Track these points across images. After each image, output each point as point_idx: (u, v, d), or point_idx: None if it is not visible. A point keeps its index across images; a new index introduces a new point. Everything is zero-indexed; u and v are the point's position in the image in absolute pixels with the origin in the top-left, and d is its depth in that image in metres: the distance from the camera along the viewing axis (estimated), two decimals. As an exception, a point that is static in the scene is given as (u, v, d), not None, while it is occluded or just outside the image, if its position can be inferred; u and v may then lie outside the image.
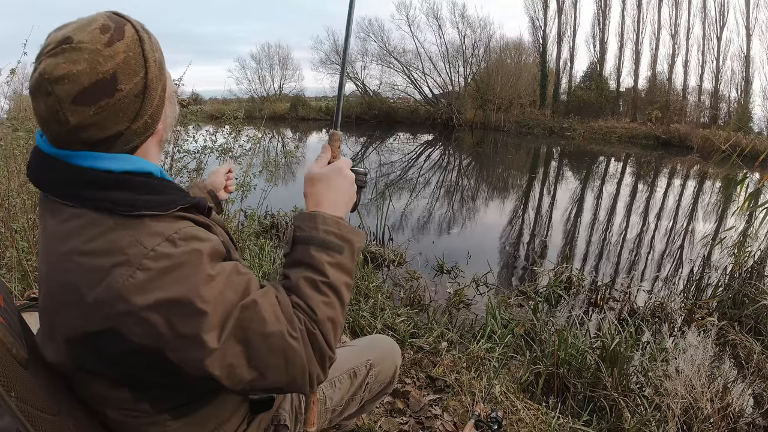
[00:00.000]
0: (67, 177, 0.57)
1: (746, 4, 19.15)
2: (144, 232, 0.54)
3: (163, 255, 0.53)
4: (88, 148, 0.56)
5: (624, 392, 1.92)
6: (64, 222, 0.57)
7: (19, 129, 2.41)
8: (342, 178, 0.75)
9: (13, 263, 1.93)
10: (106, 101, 0.53)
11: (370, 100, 23.73)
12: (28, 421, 0.51)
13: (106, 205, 0.55)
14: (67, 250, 0.55)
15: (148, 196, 0.57)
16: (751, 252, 3.27)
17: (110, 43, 0.53)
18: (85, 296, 0.53)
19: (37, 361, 0.62)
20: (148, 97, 0.57)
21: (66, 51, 0.51)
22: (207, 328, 0.53)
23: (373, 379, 1.06)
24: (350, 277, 0.68)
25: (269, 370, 0.57)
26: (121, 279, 0.51)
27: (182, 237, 0.56)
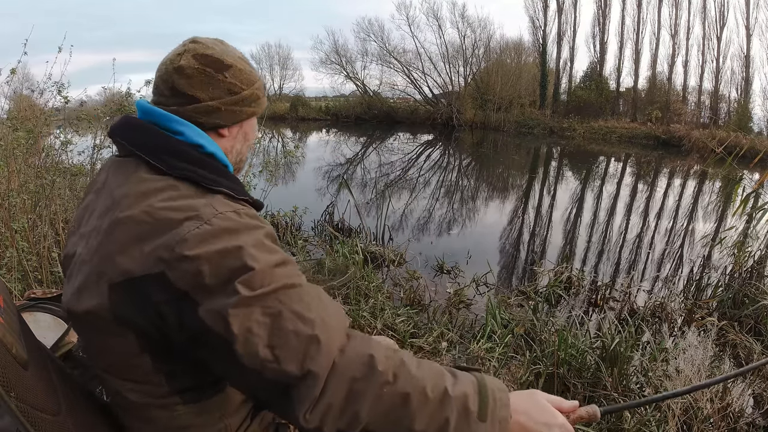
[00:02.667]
0: (162, 143, 0.65)
1: (746, 4, 19.17)
2: (218, 201, 0.62)
3: (229, 218, 0.59)
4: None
5: (624, 392, 1.92)
6: (142, 183, 0.62)
7: (19, 129, 2.42)
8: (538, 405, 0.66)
9: (13, 263, 1.93)
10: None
11: (370, 100, 23.74)
12: (28, 422, 0.51)
13: (192, 176, 0.63)
14: (142, 205, 0.59)
15: (227, 182, 0.66)
16: (751, 252, 3.26)
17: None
18: (148, 243, 0.57)
19: (37, 361, 0.62)
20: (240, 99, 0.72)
21: None
22: (245, 281, 0.54)
23: None
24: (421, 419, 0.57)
25: (285, 354, 0.55)
26: (188, 228, 0.56)
27: (247, 214, 0.63)
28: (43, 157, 2.94)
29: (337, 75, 24.45)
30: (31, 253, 2.03)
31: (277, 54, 27.60)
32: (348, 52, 24.04)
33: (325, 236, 4.42)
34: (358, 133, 19.01)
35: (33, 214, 2.20)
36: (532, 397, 0.66)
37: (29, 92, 3.31)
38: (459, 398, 0.58)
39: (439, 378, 0.59)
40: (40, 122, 2.81)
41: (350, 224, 4.63)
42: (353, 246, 3.54)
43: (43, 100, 2.94)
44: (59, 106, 2.72)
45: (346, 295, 2.63)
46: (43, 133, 2.90)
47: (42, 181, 2.27)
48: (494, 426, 0.58)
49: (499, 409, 0.60)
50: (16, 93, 3.70)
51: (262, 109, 0.78)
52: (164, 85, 0.68)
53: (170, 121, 0.67)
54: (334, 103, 25.78)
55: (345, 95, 26.10)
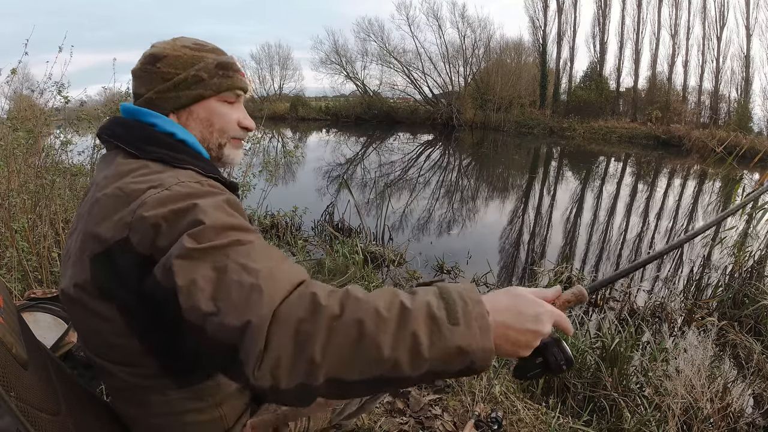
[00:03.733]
0: (137, 132, 0.72)
1: (746, 4, 19.17)
2: (184, 174, 0.66)
3: (190, 186, 0.62)
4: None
5: (624, 392, 1.92)
6: (118, 166, 0.67)
7: (19, 129, 2.42)
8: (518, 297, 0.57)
9: (13, 263, 1.93)
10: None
11: (370, 100, 23.74)
12: (28, 421, 0.51)
13: (163, 156, 0.68)
14: (117, 183, 0.63)
15: (197, 161, 0.71)
16: (751, 252, 3.26)
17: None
18: (119, 212, 0.59)
19: (37, 361, 0.62)
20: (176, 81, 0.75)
21: None
22: (194, 234, 0.54)
23: None
24: (428, 349, 0.47)
25: (227, 305, 0.49)
26: (150, 193, 0.59)
27: (211, 184, 0.66)
28: (43, 157, 2.94)
29: (337, 75, 24.50)
30: (31, 253, 2.03)
31: (277, 54, 27.57)
32: (348, 52, 24.08)
33: (325, 236, 4.42)
34: (358, 133, 19.01)
35: (33, 214, 2.20)
36: (511, 291, 0.57)
37: (29, 92, 3.31)
38: (420, 308, 0.49)
39: (393, 296, 0.51)
40: (40, 122, 2.81)
41: (350, 224, 4.63)
42: (353, 246, 3.54)
43: (43, 100, 2.95)
44: (59, 106, 2.72)
45: (346, 295, 2.63)
46: (43, 133, 2.90)
47: (42, 181, 2.27)
48: (471, 327, 0.49)
49: (472, 306, 0.50)
50: (16, 93, 3.71)
51: (220, 89, 0.77)
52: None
53: (144, 114, 0.74)
54: (334, 103, 25.78)
55: (345, 95, 26.11)
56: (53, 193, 2.34)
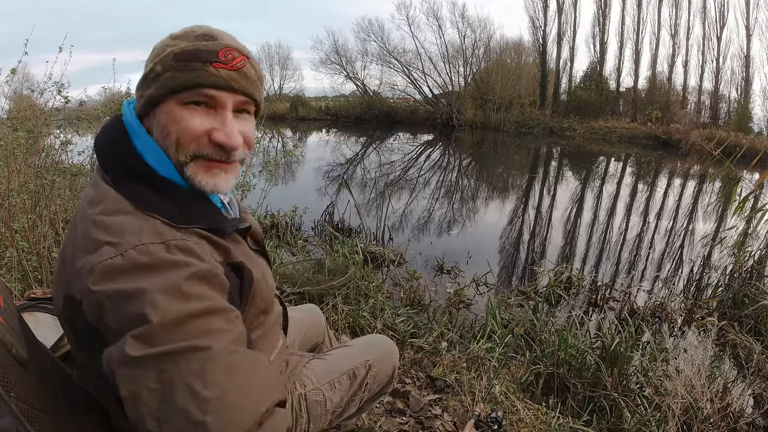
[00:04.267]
0: (114, 149, 0.63)
1: (746, 4, 19.18)
2: (149, 228, 0.55)
3: (148, 253, 0.51)
4: None
5: (624, 392, 1.92)
6: (94, 187, 0.61)
7: (19, 129, 2.42)
8: None
9: (13, 263, 1.93)
10: None
11: (370, 100, 23.72)
12: (28, 422, 0.51)
13: (132, 197, 0.57)
14: (87, 215, 0.57)
15: (170, 204, 0.59)
16: (751, 252, 3.26)
17: None
18: (76, 261, 0.54)
19: (36, 361, 0.62)
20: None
21: None
22: (139, 336, 0.47)
23: (372, 380, 1.06)
24: None
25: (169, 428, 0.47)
26: (101, 256, 0.51)
27: (179, 246, 0.54)
28: (43, 157, 2.94)
29: (337, 75, 24.48)
30: (31, 253, 2.03)
31: (277, 54, 27.58)
32: (348, 52, 24.07)
33: (325, 236, 4.42)
34: (358, 133, 18.99)
35: (33, 214, 2.20)
36: None
37: (29, 92, 3.31)
38: None
39: None
40: (40, 122, 2.81)
41: (350, 224, 4.63)
42: (353, 246, 3.54)
43: (43, 100, 2.95)
44: (59, 106, 2.72)
45: (346, 295, 2.62)
46: (43, 133, 2.90)
47: (42, 181, 2.27)
48: None
49: None
50: (16, 93, 3.71)
51: (172, 88, 0.59)
52: None
53: (130, 126, 0.63)
54: (334, 103, 25.77)
55: (345, 95, 26.10)
56: (53, 193, 2.34)
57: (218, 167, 0.62)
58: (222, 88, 0.60)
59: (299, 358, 1.04)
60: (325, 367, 1.02)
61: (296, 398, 0.94)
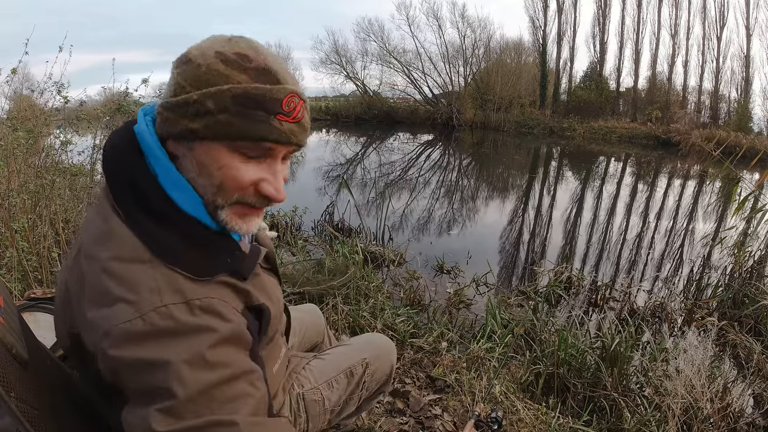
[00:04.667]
0: (129, 178, 0.55)
1: (746, 4, 19.18)
2: (168, 283, 0.51)
3: (171, 316, 0.49)
4: None
5: (624, 392, 1.92)
6: (104, 221, 0.54)
7: (19, 129, 2.42)
8: None
9: (13, 263, 1.93)
10: None
11: (370, 100, 23.72)
12: (28, 422, 0.51)
13: (150, 242, 0.52)
14: (96, 255, 0.52)
15: (193, 252, 0.54)
16: (751, 252, 3.26)
17: None
18: (87, 312, 0.51)
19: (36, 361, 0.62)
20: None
21: None
22: (164, 410, 0.46)
23: (369, 378, 1.06)
24: None
25: None
26: (118, 317, 0.48)
27: (203, 306, 0.51)
28: (43, 157, 2.94)
29: (337, 75, 24.47)
30: (31, 253, 2.03)
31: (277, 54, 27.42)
32: (348, 52, 24.05)
33: (325, 236, 4.42)
34: (358, 133, 18.99)
35: (33, 214, 2.20)
36: None
37: (29, 92, 3.31)
38: None
39: None
40: (40, 122, 2.81)
41: (350, 224, 4.63)
42: (353, 246, 3.54)
43: (43, 100, 2.95)
44: (59, 106, 2.72)
45: (346, 295, 2.62)
46: (43, 133, 2.90)
47: (42, 181, 2.27)
48: None
49: None
50: (16, 93, 3.71)
51: (225, 136, 0.53)
52: None
53: (149, 150, 0.55)
54: (334, 103, 25.76)
55: (345, 95, 26.09)
56: (53, 193, 2.34)
57: (254, 213, 0.60)
58: (283, 143, 0.56)
59: (300, 359, 1.04)
60: (323, 367, 1.02)
61: (294, 398, 0.94)
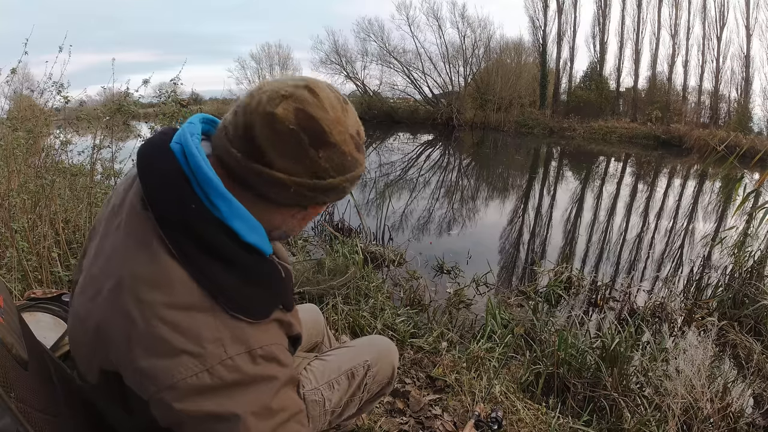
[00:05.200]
0: (186, 216, 0.52)
1: (746, 4, 19.14)
2: (230, 334, 0.52)
3: (237, 369, 0.50)
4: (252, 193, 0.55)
5: (624, 392, 1.92)
6: (152, 263, 0.52)
7: (19, 129, 2.42)
8: None
9: (13, 263, 1.93)
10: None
11: (370, 100, 23.69)
12: (28, 422, 0.51)
13: (208, 285, 0.52)
14: (149, 300, 0.51)
15: (250, 291, 0.55)
16: (751, 252, 3.26)
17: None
18: (138, 360, 0.51)
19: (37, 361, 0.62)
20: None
21: None
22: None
23: (371, 380, 1.06)
24: None
25: None
26: (185, 372, 0.49)
27: (264, 355, 0.53)
28: (43, 157, 2.94)
29: (337, 75, 24.42)
30: (31, 253, 2.03)
31: (277, 54, 27.50)
32: (348, 52, 24.01)
33: (325, 236, 4.42)
34: (358, 133, 18.96)
35: (33, 214, 2.20)
36: None
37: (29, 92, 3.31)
38: None
39: None
40: (40, 122, 2.81)
41: (350, 224, 4.63)
42: (353, 246, 3.54)
43: (43, 100, 2.95)
44: (59, 106, 2.72)
45: (346, 295, 2.62)
46: (43, 133, 2.90)
47: (42, 181, 2.27)
48: None
49: None
50: (16, 93, 3.71)
51: (338, 198, 0.61)
52: (243, 121, 0.54)
53: (209, 187, 0.52)
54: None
55: (345, 95, 26.04)
56: (53, 193, 2.34)
57: None
58: None
59: (300, 359, 1.04)
60: (324, 368, 1.03)
61: None
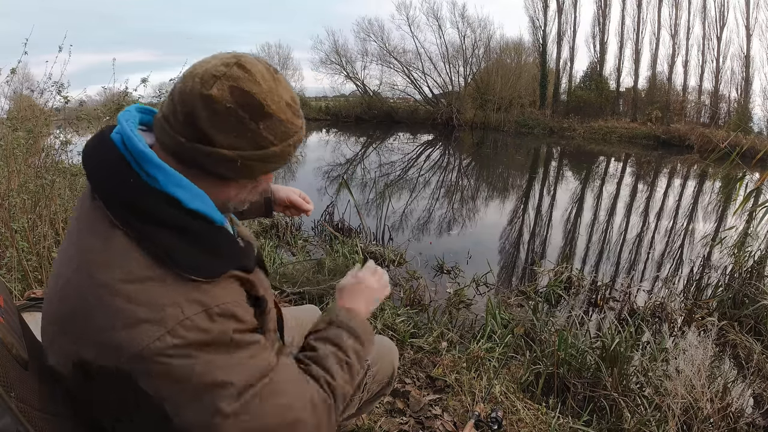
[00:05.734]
0: (125, 191, 0.55)
1: (746, 4, 19.14)
2: (186, 297, 0.54)
3: (196, 327, 0.53)
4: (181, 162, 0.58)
5: (624, 392, 1.92)
6: (109, 241, 0.54)
7: (19, 129, 2.42)
8: (367, 287, 0.87)
9: (13, 263, 1.93)
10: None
11: (370, 100, 23.70)
12: (28, 422, 0.51)
13: (161, 254, 0.54)
14: (103, 279, 0.53)
15: (201, 255, 0.57)
16: (751, 252, 3.26)
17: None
18: (104, 336, 0.52)
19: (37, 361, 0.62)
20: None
21: None
22: (223, 398, 0.54)
23: (371, 380, 1.06)
24: (362, 369, 0.78)
25: None
26: (148, 337, 0.51)
27: (221, 313, 0.56)
28: (43, 157, 2.94)
29: (337, 75, 24.44)
30: (31, 253, 2.03)
31: (277, 54, 27.48)
32: (348, 52, 24.01)
33: (325, 236, 4.42)
34: (358, 133, 18.99)
35: (33, 214, 2.20)
36: (365, 293, 0.86)
37: (29, 92, 3.31)
38: (353, 356, 0.73)
39: (340, 361, 0.71)
40: (40, 122, 2.81)
41: (350, 224, 4.63)
42: (353, 246, 3.54)
43: (43, 100, 2.94)
44: (59, 106, 2.72)
45: (346, 295, 2.62)
46: (43, 133, 2.90)
47: (42, 181, 2.27)
48: (371, 341, 0.78)
49: (364, 328, 0.77)
50: (16, 93, 3.71)
51: (283, 164, 0.64)
52: (182, 106, 0.55)
53: (144, 160, 0.55)
54: (334, 103, 25.74)
55: (345, 95, 26.07)
56: (53, 193, 2.34)
57: None
58: None
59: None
60: None
61: None
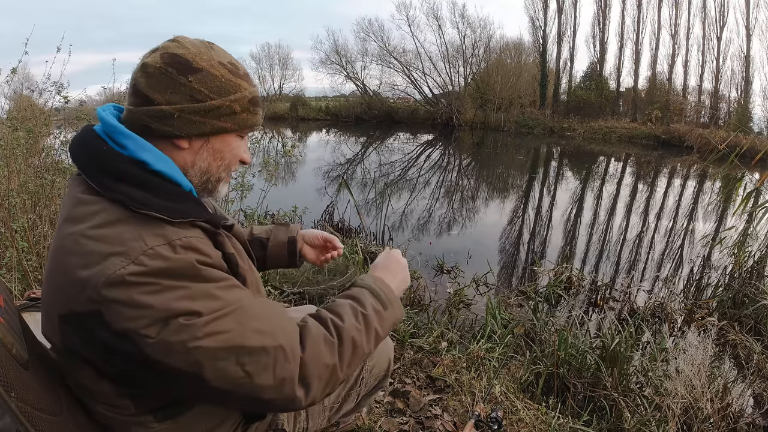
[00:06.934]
0: (99, 159, 0.61)
1: (746, 4, 19.14)
2: (149, 231, 0.57)
3: (159, 255, 0.55)
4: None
5: (624, 392, 1.92)
6: (78, 205, 0.60)
7: (19, 129, 2.42)
8: (398, 263, 0.92)
9: (13, 263, 1.93)
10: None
11: (370, 100, 23.70)
12: (28, 422, 0.51)
13: (122, 198, 0.58)
14: (73, 232, 0.57)
15: (165, 202, 0.61)
16: (751, 252, 3.26)
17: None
18: (77, 276, 0.55)
19: (37, 361, 0.62)
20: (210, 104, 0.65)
21: None
22: (195, 323, 0.55)
23: (368, 374, 1.07)
24: (383, 332, 0.73)
25: (257, 368, 0.58)
26: (114, 267, 0.53)
27: (183, 245, 0.58)
28: (43, 157, 2.94)
29: (337, 75, 24.45)
30: (31, 253, 2.03)
31: (277, 54, 27.54)
32: (348, 52, 24.03)
33: (325, 236, 4.41)
34: (358, 133, 18.99)
35: (33, 214, 2.20)
36: (393, 266, 0.90)
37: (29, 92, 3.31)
38: (371, 312, 0.72)
39: (355, 311, 0.71)
40: (40, 122, 2.81)
41: (350, 224, 4.63)
42: (353, 246, 3.54)
43: (43, 100, 2.95)
44: (59, 106, 2.72)
45: (346, 295, 2.62)
46: (43, 133, 2.90)
47: (42, 181, 2.27)
48: (394, 305, 0.78)
49: (388, 292, 0.78)
50: (16, 93, 3.71)
51: (244, 127, 0.69)
52: (131, 83, 0.65)
53: (115, 132, 0.63)
54: (334, 103, 25.74)
55: (345, 95, 26.07)
56: (53, 193, 2.34)
57: (230, 178, 0.76)
58: (260, 125, 0.74)
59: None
60: None
61: None
